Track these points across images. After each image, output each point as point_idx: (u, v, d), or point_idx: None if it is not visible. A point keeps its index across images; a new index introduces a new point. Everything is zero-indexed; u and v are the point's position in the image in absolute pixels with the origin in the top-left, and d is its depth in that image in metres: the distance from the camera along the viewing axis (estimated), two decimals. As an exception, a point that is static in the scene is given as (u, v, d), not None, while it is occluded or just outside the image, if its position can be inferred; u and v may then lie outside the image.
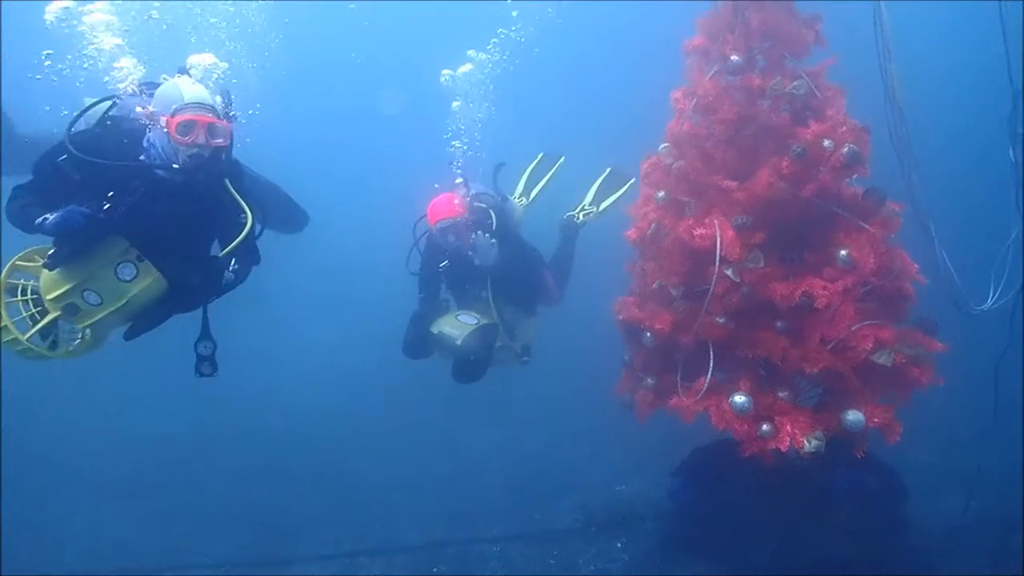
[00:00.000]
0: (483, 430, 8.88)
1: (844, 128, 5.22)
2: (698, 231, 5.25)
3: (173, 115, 3.94)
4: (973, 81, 6.50)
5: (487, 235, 5.97)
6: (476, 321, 6.02)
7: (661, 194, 5.73)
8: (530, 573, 6.57)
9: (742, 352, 5.42)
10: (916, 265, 5.53)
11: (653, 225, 5.68)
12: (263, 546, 7.27)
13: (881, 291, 5.38)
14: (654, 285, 5.68)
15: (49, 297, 3.97)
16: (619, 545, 6.87)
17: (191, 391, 10.67)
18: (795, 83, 5.36)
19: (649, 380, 5.88)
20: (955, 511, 6.43)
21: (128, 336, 4.34)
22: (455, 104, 6.39)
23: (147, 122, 4.02)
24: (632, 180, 7.31)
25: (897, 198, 5.50)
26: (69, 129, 3.95)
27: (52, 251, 3.91)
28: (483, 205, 6.16)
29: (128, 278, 3.98)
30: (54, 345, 4.18)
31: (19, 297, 4.11)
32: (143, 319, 4.26)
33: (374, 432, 9.31)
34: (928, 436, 6.28)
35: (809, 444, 5.02)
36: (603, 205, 7.25)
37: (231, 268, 4.31)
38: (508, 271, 6.17)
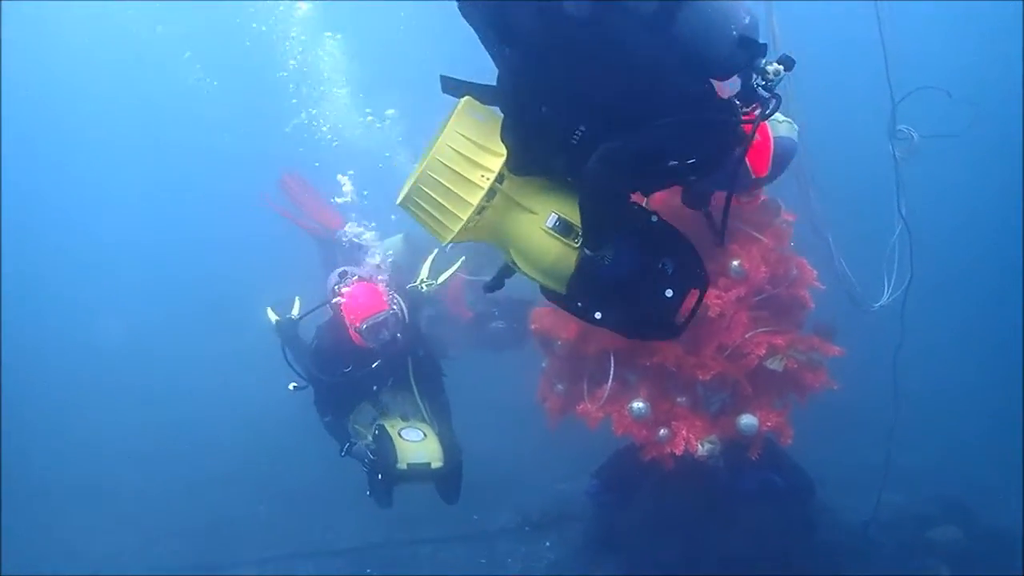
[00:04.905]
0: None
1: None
2: (599, 242, 5.39)
3: None
4: (863, 85, 6.68)
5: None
6: (422, 435, 5.66)
7: (568, 207, 5.87)
8: (458, 573, 6.77)
9: (642, 360, 5.58)
10: (815, 272, 5.70)
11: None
12: (204, 551, 7.46)
13: (777, 299, 5.54)
14: (562, 294, 5.84)
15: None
16: (547, 544, 7.09)
17: (146, 398, 11.03)
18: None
19: (560, 386, 6.04)
20: (867, 507, 6.62)
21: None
22: None
23: None
24: (463, 258, 7.29)
25: (794, 207, 5.68)
26: None
27: None
28: (398, 295, 5.91)
29: None
30: None
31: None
32: None
33: (324, 438, 9.45)
34: (840, 431, 6.47)
35: (702, 448, 5.22)
36: (441, 278, 6.88)
37: None
38: (423, 359, 5.95)
